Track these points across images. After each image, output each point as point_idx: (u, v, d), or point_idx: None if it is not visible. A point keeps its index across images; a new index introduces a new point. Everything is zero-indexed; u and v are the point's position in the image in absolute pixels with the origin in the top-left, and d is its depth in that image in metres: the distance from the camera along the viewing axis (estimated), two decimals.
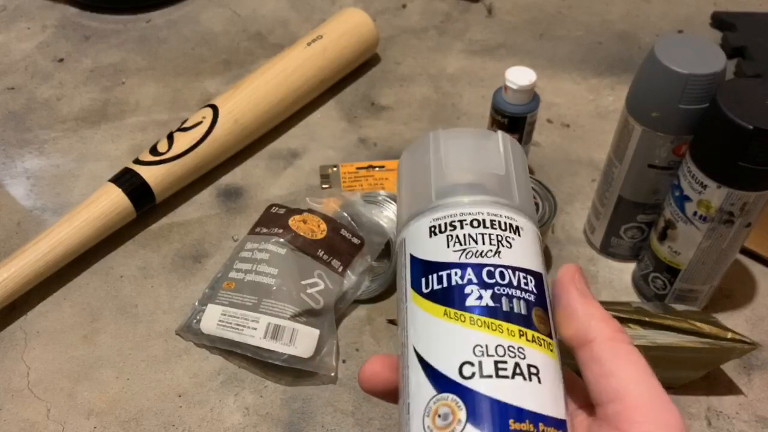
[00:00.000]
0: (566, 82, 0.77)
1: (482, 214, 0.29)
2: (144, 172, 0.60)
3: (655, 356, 0.48)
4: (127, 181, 0.60)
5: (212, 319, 0.52)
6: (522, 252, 0.28)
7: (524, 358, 0.25)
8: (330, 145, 0.70)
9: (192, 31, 0.83)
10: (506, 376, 0.25)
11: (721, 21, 0.84)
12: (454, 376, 0.25)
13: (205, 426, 0.49)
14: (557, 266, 0.59)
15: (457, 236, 0.28)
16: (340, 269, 0.55)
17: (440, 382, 0.26)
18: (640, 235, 0.57)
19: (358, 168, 0.66)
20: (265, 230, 0.57)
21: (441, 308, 0.27)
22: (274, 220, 0.58)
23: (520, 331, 0.26)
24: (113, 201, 0.58)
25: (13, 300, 0.54)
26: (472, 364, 0.25)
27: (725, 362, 0.50)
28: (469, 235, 0.28)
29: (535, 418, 0.24)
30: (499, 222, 0.28)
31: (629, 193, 0.55)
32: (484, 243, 0.28)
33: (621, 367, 0.25)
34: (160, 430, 0.49)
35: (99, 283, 0.58)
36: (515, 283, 0.27)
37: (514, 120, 0.58)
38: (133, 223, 0.61)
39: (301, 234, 0.56)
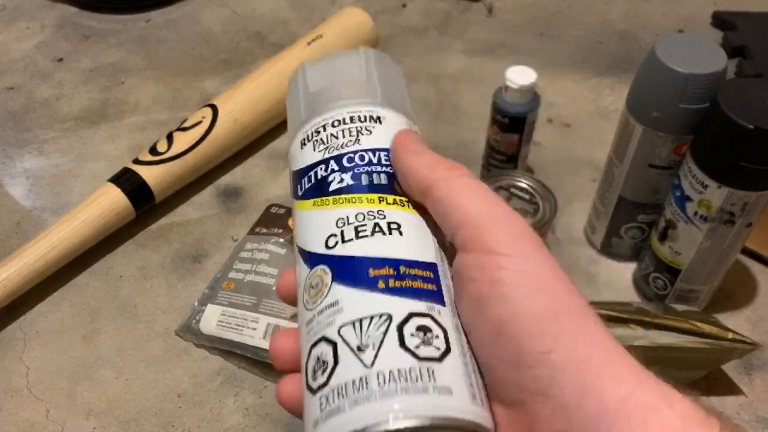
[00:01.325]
0: (567, 82, 0.77)
1: (342, 114, 0.31)
2: (143, 172, 0.60)
3: (655, 356, 0.48)
4: (127, 181, 0.59)
5: (212, 320, 0.52)
6: (384, 135, 0.30)
7: (384, 218, 0.28)
8: None
9: (191, 30, 0.83)
10: (366, 236, 0.27)
11: (721, 20, 0.84)
12: (321, 250, 0.28)
13: (204, 426, 0.49)
14: None
15: (321, 138, 0.31)
16: None
17: (312, 260, 0.28)
18: (640, 235, 0.57)
19: None
20: (264, 230, 0.57)
21: (311, 201, 0.30)
22: (273, 220, 0.58)
23: (379, 197, 0.28)
24: (112, 201, 0.58)
25: (13, 300, 0.54)
26: (335, 235, 0.28)
27: (726, 362, 0.50)
28: (332, 134, 0.31)
29: (395, 262, 0.26)
30: (359, 116, 0.31)
31: (630, 193, 0.55)
32: (344, 136, 0.31)
33: (460, 199, 0.26)
34: (160, 431, 0.49)
35: (98, 284, 0.58)
36: (375, 161, 0.30)
37: (514, 120, 0.58)
38: (133, 223, 0.61)
39: None
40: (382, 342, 0.24)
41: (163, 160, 0.61)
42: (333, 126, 0.31)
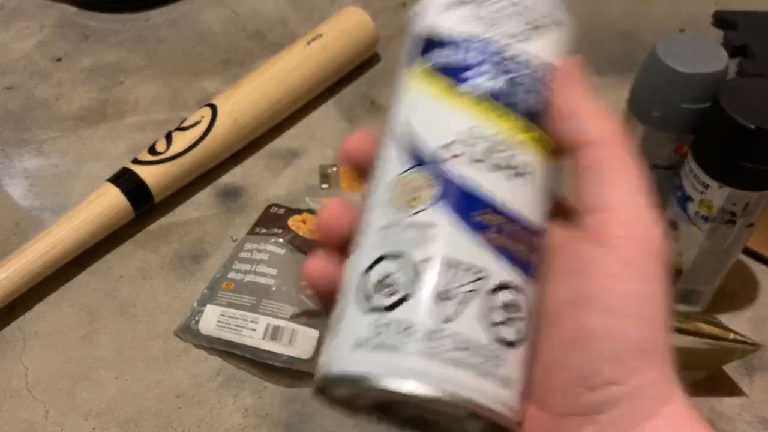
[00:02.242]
0: None
1: None
2: (142, 171, 0.60)
3: None
4: (126, 180, 0.59)
5: (211, 320, 0.52)
6: (557, 47, 0.25)
7: (523, 155, 0.23)
8: (330, 144, 0.69)
9: (191, 30, 0.83)
10: (497, 167, 0.23)
11: (722, 20, 0.83)
12: (437, 154, 0.23)
13: (204, 427, 0.49)
14: None
15: (487, 8, 0.24)
16: None
17: (420, 158, 0.23)
18: None
19: None
20: (264, 230, 0.57)
21: (442, 83, 0.24)
22: (273, 220, 0.58)
23: (527, 126, 0.24)
24: (112, 201, 0.58)
25: (12, 300, 0.54)
26: (462, 143, 0.23)
27: (727, 363, 0.50)
28: (502, 9, 0.24)
29: (514, 216, 0.23)
30: (544, 6, 0.25)
31: None
32: (517, 23, 0.24)
33: (615, 176, 0.24)
34: (159, 431, 0.49)
35: (97, 284, 0.58)
36: (540, 75, 0.24)
37: None
38: (132, 223, 0.61)
39: (301, 234, 0.56)
40: (467, 303, 0.21)
41: (162, 160, 0.61)
42: (511, 2, 0.24)
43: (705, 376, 0.50)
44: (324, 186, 0.65)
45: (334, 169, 0.66)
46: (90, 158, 0.67)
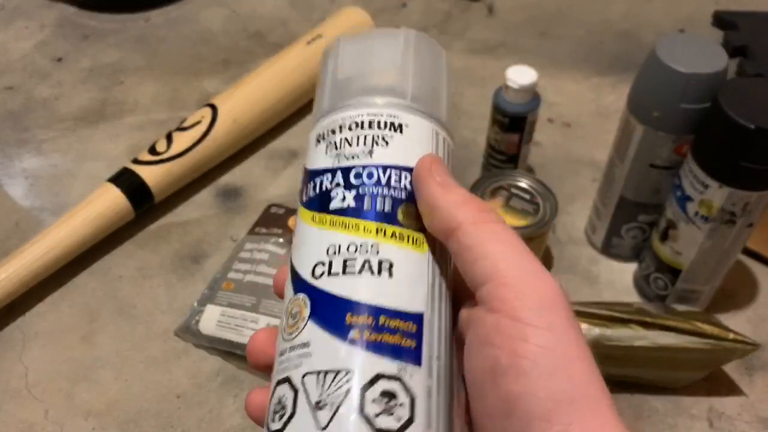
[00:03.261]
0: (567, 82, 0.76)
1: (361, 115, 0.28)
2: (143, 171, 0.60)
3: (656, 357, 0.48)
4: (126, 180, 0.59)
5: (211, 320, 0.52)
6: (401, 148, 0.27)
7: (377, 254, 0.25)
8: None
9: (191, 30, 0.83)
10: (353, 272, 0.25)
11: (722, 20, 0.84)
12: (308, 277, 0.26)
13: (204, 427, 0.49)
14: (559, 267, 0.59)
15: (334, 142, 0.28)
16: None
17: (298, 284, 0.26)
18: (641, 235, 0.57)
19: None
20: (264, 230, 0.57)
21: (310, 214, 0.27)
22: (273, 220, 0.58)
23: (378, 228, 0.26)
24: (112, 201, 0.58)
25: (11, 300, 0.54)
26: (323, 263, 0.26)
27: (727, 363, 0.50)
28: (345, 139, 0.28)
29: (376, 311, 0.24)
30: (378, 121, 0.28)
31: (631, 193, 0.54)
32: (357, 144, 0.28)
33: (489, 248, 0.24)
34: (159, 431, 0.49)
35: (97, 284, 0.58)
36: (384, 181, 0.27)
37: (514, 119, 0.58)
38: (132, 223, 0.61)
39: None
40: (341, 404, 0.23)
41: (162, 160, 0.61)
42: (349, 129, 0.28)
43: (705, 375, 0.50)
44: None
45: None
46: (90, 158, 0.67)
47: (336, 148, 0.28)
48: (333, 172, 0.27)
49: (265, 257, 0.55)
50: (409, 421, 0.23)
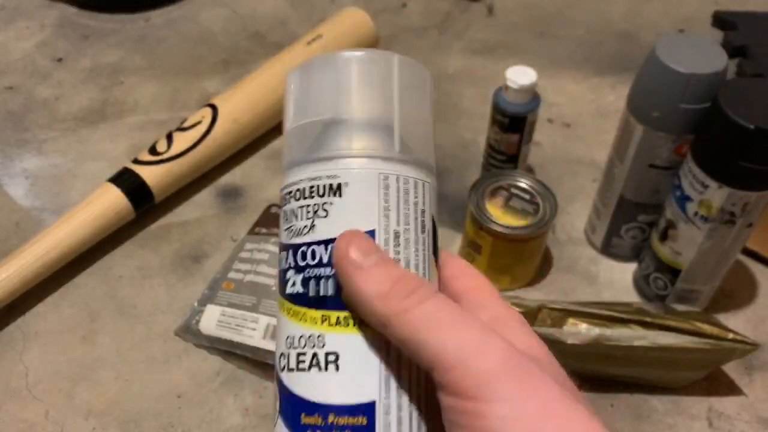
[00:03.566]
0: (567, 82, 0.76)
1: (302, 182, 0.25)
2: (143, 171, 0.60)
3: (656, 357, 0.48)
4: (126, 180, 0.59)
5: (211, 320, 0.52)
6: (341, 216, 0.25)
7: (323, 347, 0.24)
8: None
9: (191, 30, 0.83)
10: (303, 369, 0.24)
11: (722, 20, 0.84)
12: (277, 368, 0.26)
13: (204, 427, 0.49)
14: (558, 267, 0.59)
15: (286, 213, 0.26)
16: None
17: (276, 370, 0.26)
18: (641, 235, 0.57)
19: None
20: (264, 230, 0.57)
21: (279, 297, 0.26)
22: (273, 220, 0.58)
23: (322, 316, 0.24)
24: (112, 201, 0.58)
25: (12, 300, 0.54)
26: (284, 356, 0.25)
27: (726, 363, 0.50)
28: (291, 210, 0.26)
29: (325, 410, 0.24)
30: (317, 187, 0.25)
31: (630, 193, 0.54)
32: (300, 219, 0.25)
33: (424, 336, 0.23)
34: (159, 431, 0.49)
35: (97, 284, 0.58)
36: (326, 259, 0.24)
37: (514, 119, 0.58)
38: (132, 223, 0.61)
39: None
40: None
41: (162, 160, 0.61)
42: (296, 198, 0.26)
43: (704, 375, 0.50)
44: None
45: None
46: (90, 158, 0.68)
47: (287, 221, 0.26)
48: (287, 250, 0.26)
49: (265, 257, 0.55)
50: None
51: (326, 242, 0.25)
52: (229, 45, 0.81)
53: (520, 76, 0.57)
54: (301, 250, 0.25)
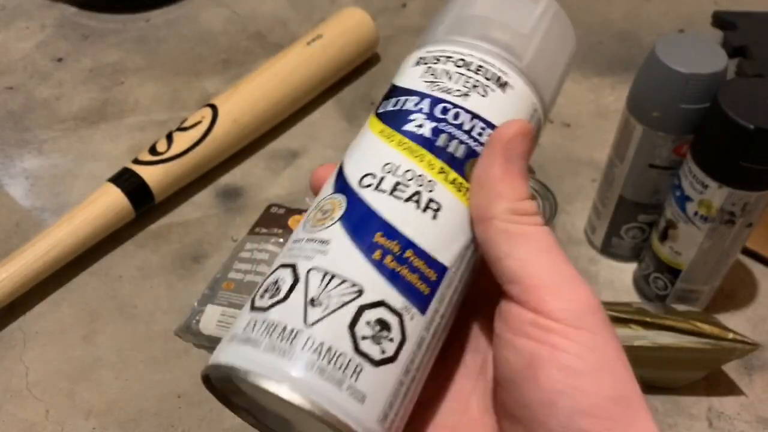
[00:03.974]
0: (567, 82, 0.76)
1: (473, 57, 0.27)
2: (143, 172, 0.60)
3: (656, 357, 0.48)
4: (126, 181, 0.59)
5: (212, 320, 0.52)
6: (497, 105, 0.26)
7: (431, 192, 0.25)
8: (330, 144, 0.69)
9: (191, 30, 0.83)
10: (400, 198, 0.24)
11: (722, 20, 0.84)
12: (354, 182, 0.25)
13: (204, 427, 0.49)
14: None
15: (435, 70, 0.27)
16: None
17: (341, 186, 0.26)
18: (641, 235, 0.57)
19: None
20: (264, 230, 0.57)
21: (380, 126, 0.27)
22: (273, 220, 0.58)
23: (442, 168, 0.25)
24: (112, 201, 0.58)
25: (12, 300, 0.54)
26: (374, 176, 0.25)
27: (726, 363, 0.50)
28: (446, 71, 0.27)
29: (406, 243, 0.24)
30: (487, 70, 0.27)
31: (630, 193, 0.54)
32: (457, 83, 0.27)
33: (516, 249, 0.24)
34: (159, 431, 0.49)
35: (98, 284, 0.58)
36: (467, 128, 0.26)
37: None
38: (132, 223, 0.61)
39: None
40: (335, 311, 0.22)
41: (162, 160, 0.61)
42: (455, 65, 0.27)
43: (704, 375, 0.50)
44: None
45: None
46: (90, 158, 0.68)
47: (434, 76, 0.27)
48: (422, 96, 0.27)
49: (265, 257, 0.55)
50: (390, 359, 0.22)
51: (474, 116, 0.26)
52: (229, 45, 0.81)
53: None
54: (444, 105, 0.26)
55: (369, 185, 0.25)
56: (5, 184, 0.65)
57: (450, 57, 0.27)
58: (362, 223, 0.24)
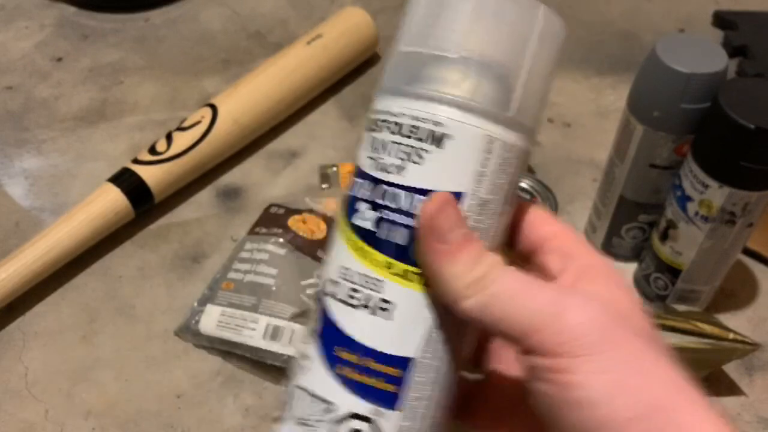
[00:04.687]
0: (567, 82, 0.76)
1: (402, 112, 0.24)
2: (143, 171, 0.60)
3: None
4: (126, 180, 0.59)
5: (211, 320, 0.52)
6: (433, 170, 0.23)
7: (380, 292, 0.24)
8: (330, 144, 0.69)
9: (191, 30, 0.83)
10: (353, 305, 0.24)
11: (722, 20, 0.84)
12: (323, 289, 0.26)
13: (204, 427, 0.49)
14: None
15: (375, 140, 0.25)
16: None
17: (318, 290, 0.26)
18: (641, 235, 0.57)
19: None
20: (264, 230, 0.57)
21: (342, 219, 0.26)
22: (273, 220, 0.58)
23: (388, 263, 0.24)
24: (112, 201, 0.58)
25: (11, 301, 0.54)
26: (334, 282, 0.25)
27: (727, 363, 0.50)
28: (383, 143, 0.24)
29: (363, 351, 0.24)
30: (418, 129, 0.23)
31: (631, 192, 0.54)
32: (391, 155, 0.24)
33: (491, 310, 0.23)
34: (159, 431, 0.49)
35: (97, 284, 0.57)
36: (406, 208, 0.24)
37: None
38: (132, 223, 0.61)
39: (301, 234, 0.56)
40: (315, 429, 0.25)
41: (162, 160, 0.61)
42: (389, 130, 0.24)
43: (705, 375, 0.50)
44: (324, 186, 0.65)
45: (334, 169, 0.66)
46: (90, 158, 0.67)
47: (375, 150, 0.25)
48: (365, 179, 0.25)
49: (265, 257, 0.55)
50: None
51: (413, 190, 0.24)
52: (229, 45, 0.81)
53: None
54: (383, 187, 0.24)
55: (331, 294, 0.25)
56: (4, 184, 0.65)
57: (385, 120, 0.24)
58: (327, 337, 0.25)
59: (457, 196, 0.24)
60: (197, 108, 0.67)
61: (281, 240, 0.55)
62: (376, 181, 0.24)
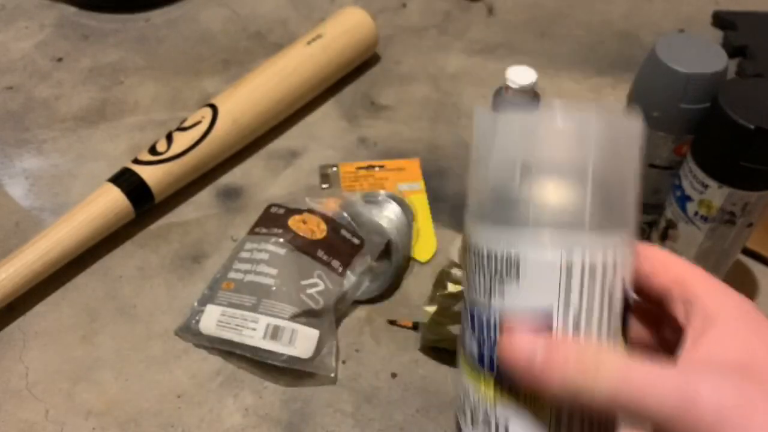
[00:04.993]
0: (567, 82, 0.76)
1: (482, 247, 0.24)
2: (143, 171, 0.60)
3: None
4: (126, 180, 0.59)
5: (211, 320, 0.52)
6: (521, 299, 0.24)
7: (494, 416, 0.25)
8: (330, 144, 0.69)
9: (191, 30, 0.83)
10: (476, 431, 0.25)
11: (722, 20, 0.84)
12: (459, 422, 0.27)
13: (204, 427, 0.49)
14: None
15: (468, 270, 0.25)
16: (340, 269, 0.55)
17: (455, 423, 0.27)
18: (641, 235, 0.57)
19: (358, 168, 0.66)
20: (264, 230, 0.57)
21: (461, 348, 0.27)
22: (273, 220, 0.58)
23: (494, 383, 0.25)
24: (112, 201, 0.58)
25: (12, 300, 0.54)
26: (463, 413, 0.26)
27: None
28: (471, 269, 0.25)
29: None
30: (495, 260, 0.24)
31: None
32: (480, 282, 0.24)
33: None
34: (159, 431, 0.49)
35: (97, 284, 0.58)
36: (495, 334, 0.24)
37: None
38: (132, 223, 0.61)
39: (301, 234, 0.56)
40: None
41: (162, 160, 0.61)
42: (476, 263, 0.24)
43: None
44: (324, 186, 0.65)
45: (334, 169, 0.66)
46: (90, 158, 0.67)
47: (467, 279, 0.25)
48: (467, 307, 0.25)
49: (265, 257, 0.55)
50: None
51: (502, 311, 0.24)
52: (229, 45, 0.81)
53: (520, 76, 0.57)
54: (477, 313, 0.25)
55: (462, 425, 0.26)
56: (5, 183, 0.65)
57: (473, 250, 0.25)
58: None
59: (546, 316, 0.23)
60: (197, 108, 0.67)
61: (281, 240, 0.55)
62: (471, 308, 0.25)
